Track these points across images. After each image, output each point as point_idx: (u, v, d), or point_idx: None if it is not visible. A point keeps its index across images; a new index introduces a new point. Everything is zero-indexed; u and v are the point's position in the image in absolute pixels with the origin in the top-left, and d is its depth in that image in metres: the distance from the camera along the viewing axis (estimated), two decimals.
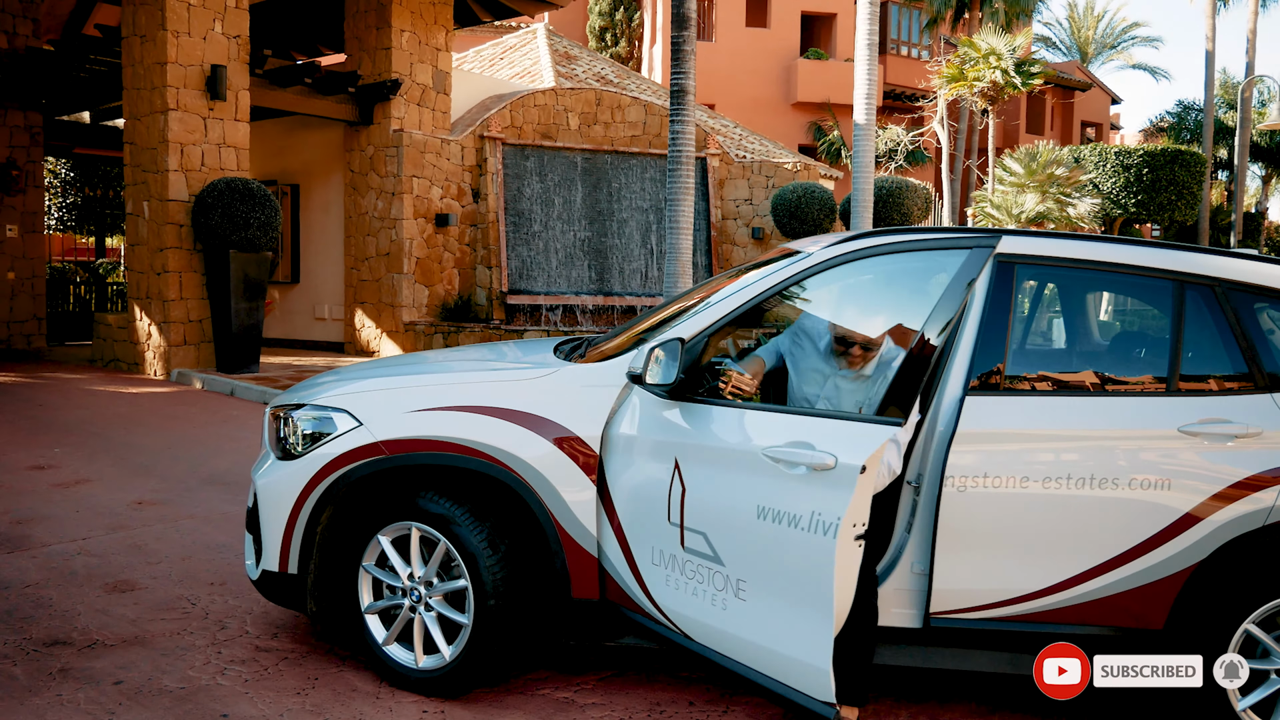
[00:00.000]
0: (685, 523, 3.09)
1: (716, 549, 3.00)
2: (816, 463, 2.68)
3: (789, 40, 29.77)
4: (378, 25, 13.37)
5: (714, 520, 2.99)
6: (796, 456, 2.75)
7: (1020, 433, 3.26)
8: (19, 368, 11.72)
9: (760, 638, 2.81)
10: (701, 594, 3.05)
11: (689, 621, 3.11)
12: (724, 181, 15.65)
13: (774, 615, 2.76)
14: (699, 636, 3.10)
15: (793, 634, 2.68)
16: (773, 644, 2.77)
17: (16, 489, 6.18)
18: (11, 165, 14.26)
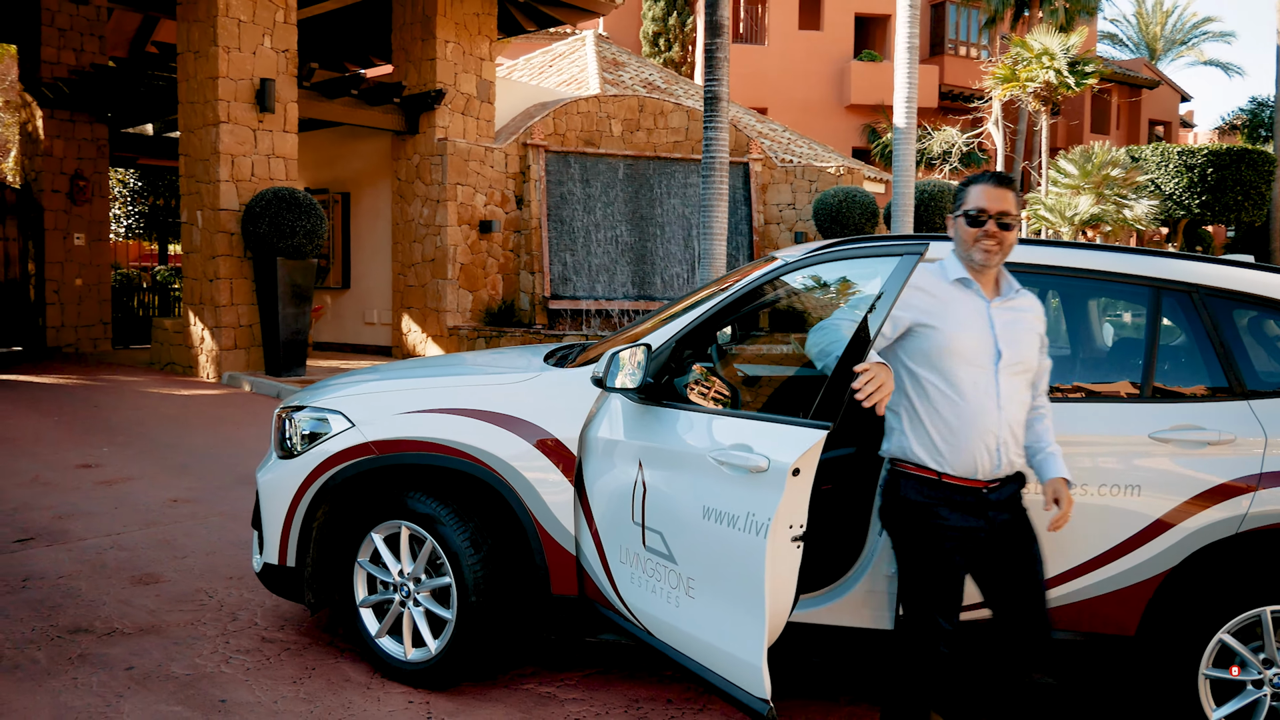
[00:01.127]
0: (646, 522, 3.15)
1: (671, 548, 3.05)
2: (752, 465, 2.74)
3: (842, 42, 29.63)
4: (423, 37, 13.68)
5: (669, 520, 3.07)
6: (736, 459, 2.81)
7: None
8: (82, 370, 12.23)
9: (706, 634, 2.89)
10: (659, 591, 3.11)
11: (649, 618, 3.19)
12: (767, 186, 15.67)
13: (717, 612, 2.83)
14: (657, 632, 3.17)
15: (733, 631, 2.76)
16: (716, 640, 2.85)
17: (63, 486, 6.50)
18: (79, 176, 14.89)
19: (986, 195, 2.75)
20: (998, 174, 2.79)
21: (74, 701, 3.45)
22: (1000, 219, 2.74)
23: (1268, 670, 3.14)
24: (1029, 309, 2.87)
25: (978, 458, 2.73)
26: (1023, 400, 2.80)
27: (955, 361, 2.72)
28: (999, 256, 2.76)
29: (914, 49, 12.33)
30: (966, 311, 2.77)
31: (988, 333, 2.75)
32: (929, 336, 2.75)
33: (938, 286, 2.80)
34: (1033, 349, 2.82)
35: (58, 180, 14.73)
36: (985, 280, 2.82)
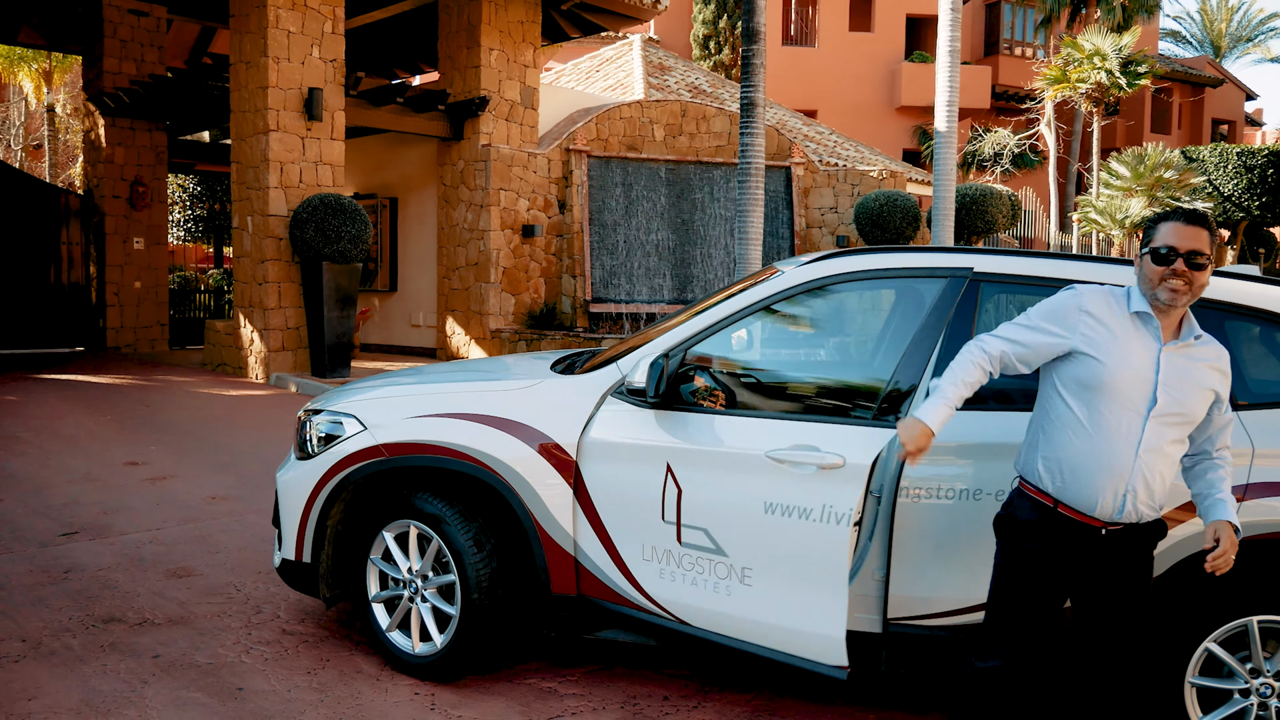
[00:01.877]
0: (683, 521, 3.37)
1: (719, 542, 3.30)
2: (825, 462, 3.09)
3: (893, 44, 29.43)
4: (468, 45, 13.94)
5: (715, 517, 3.32)
6: (803, 458, 3.14)
7: (974, 446, 3.35)
8: (138, 370, 12.68)
9: (768, 616, 3.19)
10: (702, 583, 3.35)
11: (686, 608, 3.39)
12: (809, 190, 15.68)
13: (783, 596, 3.15)
14: (697, 621, 3.38)
15: (808, 610, 3.09)
16: (783, 620, 3.16)
17: (110, 482, 6.80)
18: (139, 182, 15.42)
19: (1177, 233, 2.64)
20: (1191, 211, 2.68)
21: (102, 686, 3.66)
22: (1191, 258, 2.62)
23: (1254, 680, 3.15)
24: (1207, 358, 2.74)
25: (1099, 497, 2.68)
26: (1170, 452, 2.71)
27: (1106, 398, 2.66)
28: (1186, 297, 2.64)
29: (955, 52, 12.26)
30: (1136, 349, 2.68)
31: (1150, 376, 2.66)
32: (1089, 366, 2.68)
33: (1113, 317, 2.72)
34: (1198, 400, 2.70)
35: (118, 186, 15.27)
36: (1168, 320, 2.70)
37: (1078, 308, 2.74)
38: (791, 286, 3.62)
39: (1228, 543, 2.70)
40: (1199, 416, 2.74)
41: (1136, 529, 2.75)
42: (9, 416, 8.95)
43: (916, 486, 3.33)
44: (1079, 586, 2.81)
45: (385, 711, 3.54)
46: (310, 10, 11.86)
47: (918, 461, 2.77)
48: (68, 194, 15.81)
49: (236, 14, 12.00)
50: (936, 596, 3.36)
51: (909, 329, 3.56)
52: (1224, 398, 2.79)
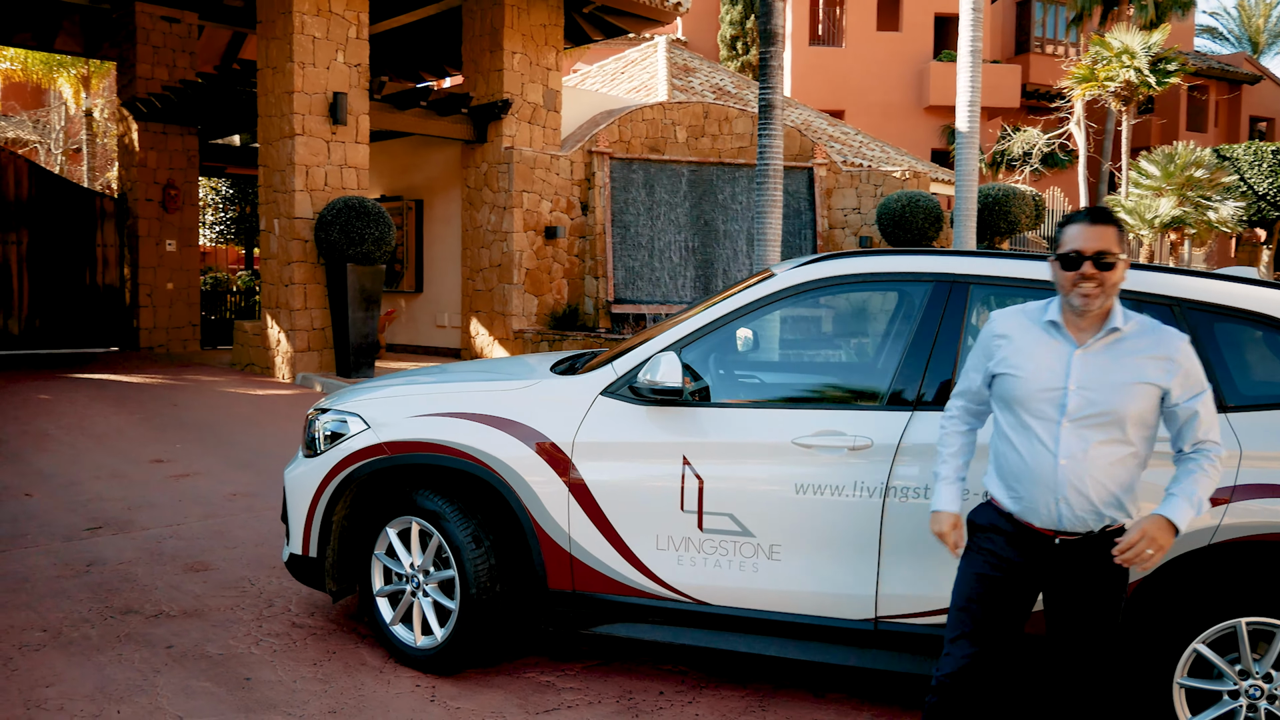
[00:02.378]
0: (705, 509, 3.57)
1: (745, 525, 3.54)
2: (854, 445, 3.40)
3: (921, 43, 29.28)
4: (491, 48, 14.07)
5: (741, 502, 3.54)
6: (830, 442, 3.44)
7: None
8: (168, 369, 12.93)
9: (796, 585, 3.48)
10: (726, 564, 3.58)
11: (706, 589, 3.60)
12: (832, 191, 15.67)
13: (814, 566, 3.46)
14: (718, 600, 3.60)
15: (837, 575, 3.42)
16: (811, 587, 3.47)
17: (136, 479, 6.97)
18: (171, 185, 15.71)
19: (1083, 235, 2.59)
20: (1095, 210, 2.66)
21: (116, 675, 3.79)
22: (1099, 259, 2.56)
23: (1243, 681, 3.17)
24: (1142, 350, 2.62)
25: (1038, 508, 2.64)
26: (1105, 455, 2.59)
27: (1025, 410, 2.65)
28: (1100, 299, 2.58)
29: (976, 52, 12.23)
30: (1048, 358, 2.64)
31: (1060, 382, 2.61)
32: (1007, 382, 2.69)
33: (1025, 331, 2.71)
34: (1125, 397, 2.57)
35: (151, 189, 15.56)
36: (1085, 322, 2.64)
37: (991, 334, 2.77)
38: (783, 289, 3.69)
39: (1137, 534, 2.53)
40: (1135, 413, 2.59)
41: (1094, 539, 2.65)
42: (43, 415, 9.18)
43: (905, 486, 3.39)
44: (1048, 600, 2.76)
45: (386, 702, 3.64)
46: (335, 16, 12.05)
47: (960, 549, 2.84)
48: (103, 197, 16.13)
49: (264, 20, 12.21)
50: (926, 595, 3.41)
51: (907, 327, 3.63)
52: (1180, 388, 2.62)
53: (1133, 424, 2.60)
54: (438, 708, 3.62)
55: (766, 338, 4.70)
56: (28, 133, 29.39)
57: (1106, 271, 2.57)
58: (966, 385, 2.87)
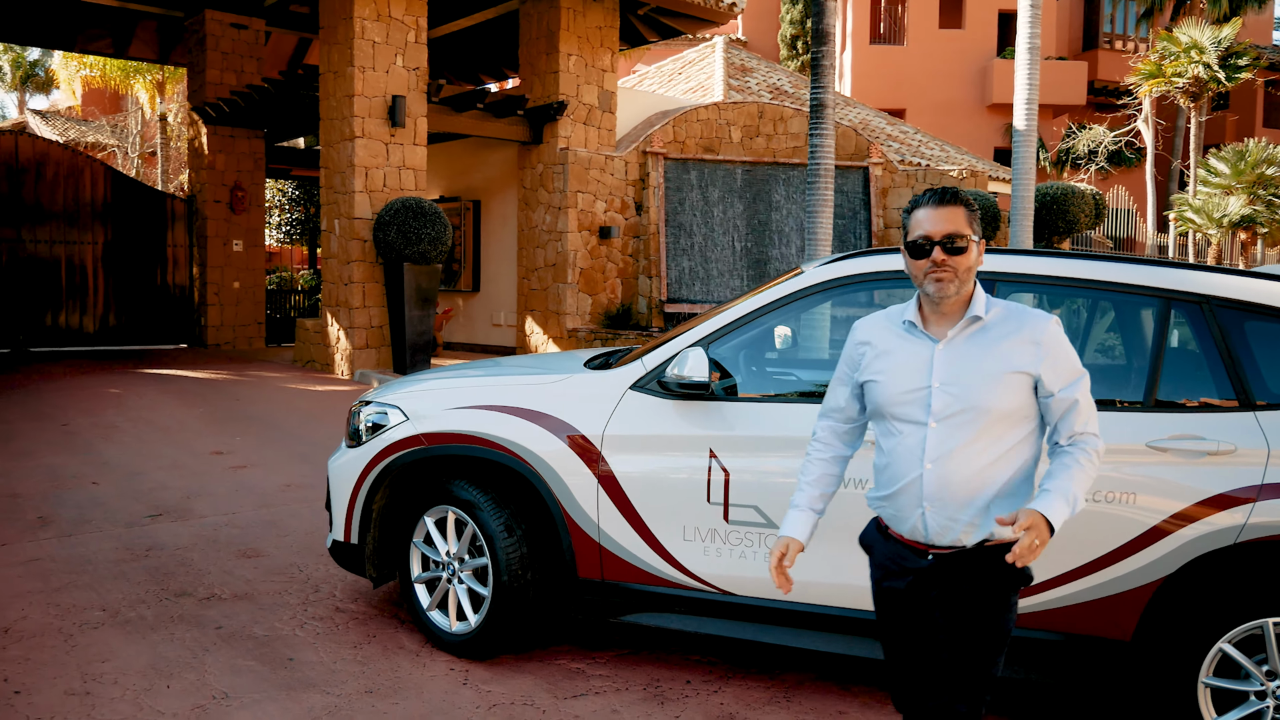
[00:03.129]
0: (731, 500, 3.65)
1: (770, 516, 3.60)
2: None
3: (985, 41, 28.83)
4: (547, 51, 14.26)
5: (768, 494, 3.60)
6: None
7: None
8: (233, 366, 13.34)
9: (821, 576, 3.49)
10: (751, 555, 3.64)
11: (732, 580, 3.67)
12: (887, 190, 15.56)
13: (838, 557, 3.41)
14: (743, 590, 3.66)
15: (861, 568, 3.36)
16: (835, 578, 3.48)
17: (196, 470, 7.24)
18: (238, 187, 16.19)
19: (930, 219, 2.35)
20: (943, 191, 2.40)
21: (167, 653, 3.98)
22: (949, 244, 2.33)
23: (1270, 682, 3.14)
24: (1009, 335, 2.37)
25: (906, 518, 2.40)
26: (973, 457, 2.33)
27: (892, 416, 2.42)
28: (955, 285, 2.34)
29: (1035, 49, 12.06)
30: (910, 359, 2.42)
31: (923, 380, 2.38)
32: (873, 390, 2.48)
33: (887, 335, 2.50)
34: (992, 389, 2.32)
35: (219, 191, 16.06)
36: (945, 317, 2.41)
37: (855, 343, 2.56)
38: (809, 286, 3.73)
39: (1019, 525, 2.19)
40: (1006, 407, 2.33)
41: (969, 556, 2.36)
42: (112, 408, 9.56)
43: None
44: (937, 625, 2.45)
45: (420, 684, 3.77)
46: (394, 21, 12.32)
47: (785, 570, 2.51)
48: (174, 199, 16.70)
49: (326, 26, 12.54)
50: None
51: None
52: (1052, 374, 2.35)
53: (1005, 420, 2.34)
54: (470, 690, 3.74)
55: (800, 334, 4.74)
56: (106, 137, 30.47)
57: (957, 256, 2.33)
58: (832, 402, 2.62)
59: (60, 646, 4.02)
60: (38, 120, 31.63)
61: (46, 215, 15.37)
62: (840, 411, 2.61)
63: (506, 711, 3.57)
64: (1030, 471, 2.42)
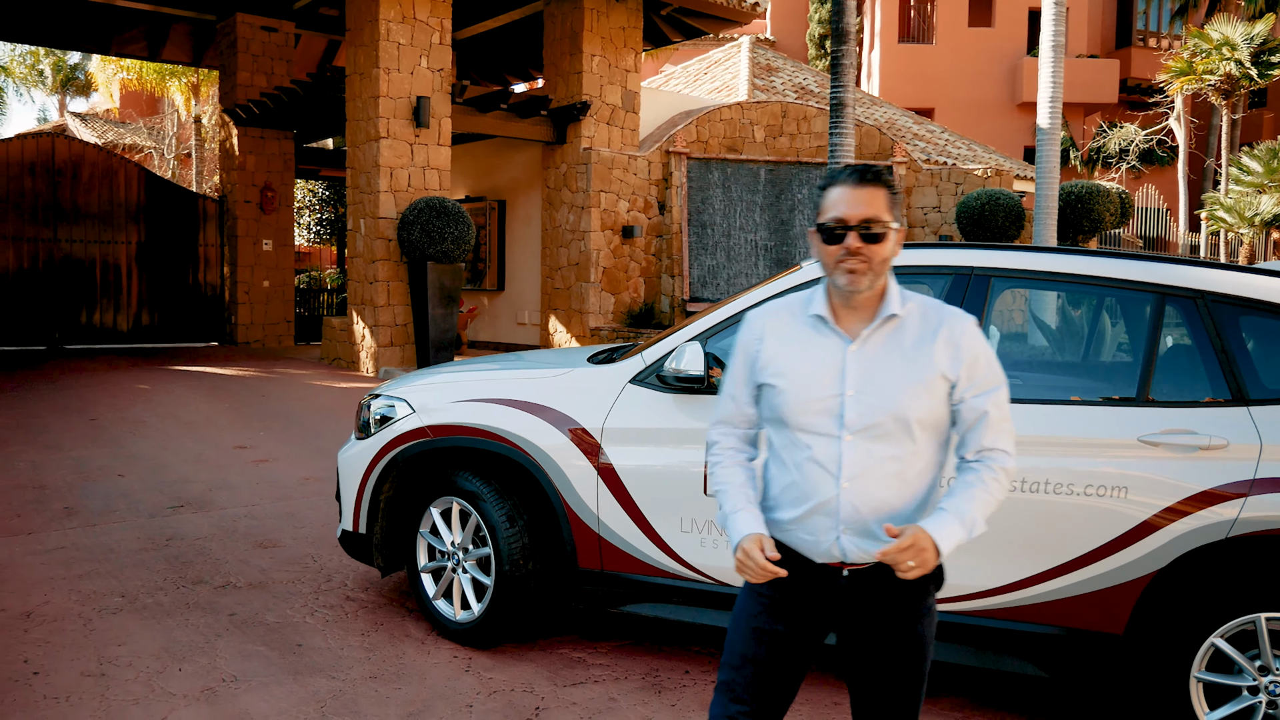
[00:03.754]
0: None
1: None
2: None
3: (1015, 39, 28.62)
4: (571, 51, 14.36)
5: None
6: None
7: None
8: (261, 363, 13.55)
9: None
10: None
11: (728, 571, 3.69)
12: (911, 189, 15.52)
13: None
14: (737, 580, 3.64)
15: None
16: None
17: (219, 463, 7.40)
18: (268, 187, 16.43)
19: (846, 200, 2.07)
20: (863, 167, 2.11)
21: (181, 637, 4.10)
22: (866, 229, 2.05)
23: (1263, 677, 3.15)
24: (926, 336, 2.12)
25: (823, 541, 2.11)
26: (895, 471, 2.09)
27: (797, 426, 2.12)
28: (869, 278, 2.07)
29: (1059, 46, 11.99)
30: (818, 360, 2.13)
31: (835, 387, 2.10)
32: (771, 396, 2.17)
33: (786, 329, 2.19)
34: (910, 395, 2.08)
35: (249, 191, 16.31)
36: (856, 311, 2.13)
37: (751, 338, 2.23)
38: (805, 282, 3.78)
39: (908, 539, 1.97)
40: (924, 415, 2.10)
41: (886, 568, 2.09)
42: (140, 404, 9.76)
43: None
44: (843, 646, 2.23)
45: (424, 671, 3.86)
46: (419, 23, 12.47)
47: (763, 565, 2.08)
48: (205, 199, 16.98)
49: (352, 28, 12.72)
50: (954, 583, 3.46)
51: None
52: (968, 379, 2.12)
53: (923, 428, 2.10)
54: (471, 677, 3.82)
55: None
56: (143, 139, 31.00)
57: (875, 244, 2.06)
58: (728, 410, 2.28)
59: (79, 630, 4.15)
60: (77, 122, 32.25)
61: (82, 216, 15.69)
62: (740, 417, 2.28)
63: (506, 698, 3.65)
64: (937, 481, 2.21)
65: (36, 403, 9.56)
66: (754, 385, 2.24)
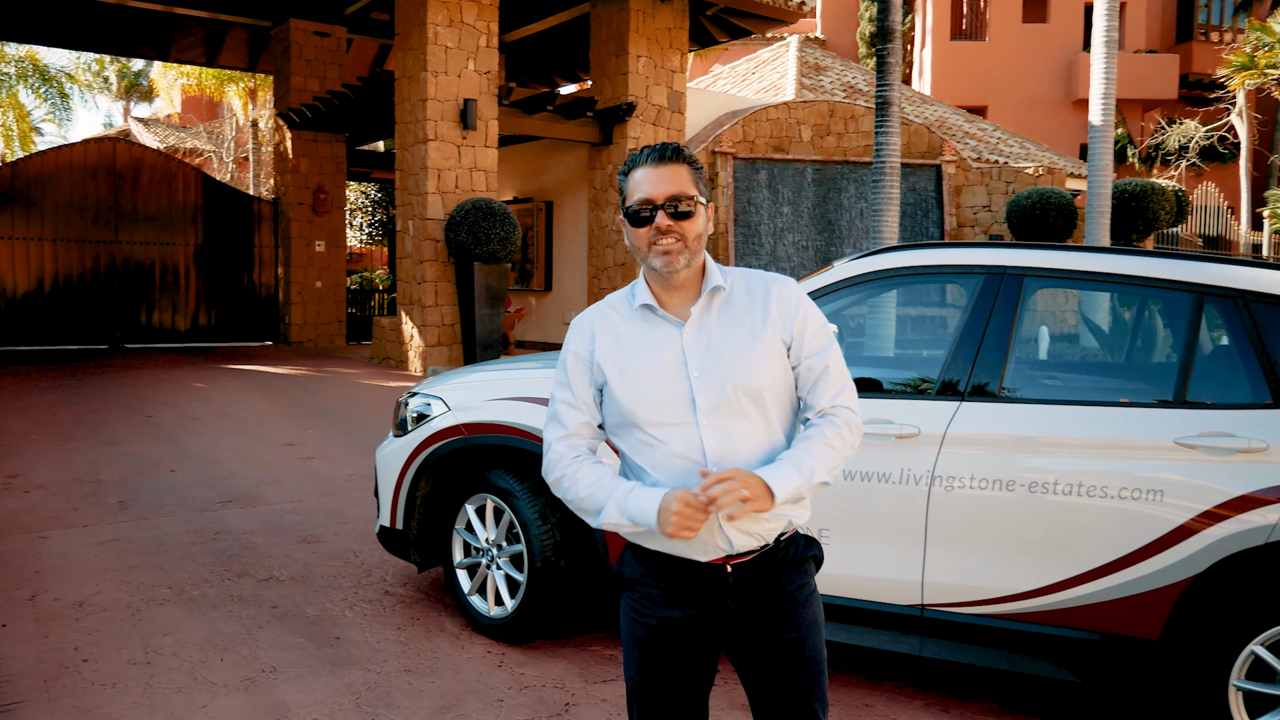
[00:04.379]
0: None
1: None
2: (901, 433, 3.47)
3: (1070, 34, 28.08)
4: (617, 53, 14.41)
5: None
6: (878, 429, 3.50)
7: (1009, 438, 3.42)
8: (312, 362, 13.79)
9: (843, 569, 3.55)
10: None
11: None
12: (960, 188, 15.32)
13: (860, 550, 3.54)
14: None
15: (884, 560, 3.46)
16: (857, 571, 3.54)
17: (268, 460, 7.56)
18: (320, 190, 16.73)
19: (648, 179, 2.00)
20: (662, 147, 2.04)
21: (224, 628, 4.21)
22: (673, 206, 1.98)
23: None
24: (755, 304, 2.06)
25: (704, 537, 1.99)
26: (760, 441, 2.02)
27: (650, 425, 2.01)
28: (685, 256, 1.99)
29: (1111, 41, 11.78)
30: (653, 350, 2.04)
31: (679, 371, 2.01)
32: (619, 394, 2.04)
33: (616, 326, 2.09)
34: (751, 365, 2.01)
35: (302, 194, 16.61)
36: (680, 293, 2.06)
37: (581, 342, 2.12)
38: (836, 281, 3.77)
39: (718, 476, 1.87)
40: (771, 382, 2.04)
41: (771, 553, 2.06)
42: (195, 402, 10.01)
43: (951, 475, 3.43)
44: (734, 653, 2.12)
45: (457, 665, 3.92)
46: (466, 26, 12.61)
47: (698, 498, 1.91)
48: (260, 201, 17.33)
49: (401, 32, 12.90)
50: (972, 585, 3.44)
51: (958, 319, 3.66)
52: (800, 337, 2.06)
53: (775, 398, 2.05)
54: (503, 673, 3.87)
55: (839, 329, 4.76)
56: (203, 143, 31.73)
57: (684, 221, 1.99)
58: (570, 422, 2.12)
59: (128, 620, 4.27)
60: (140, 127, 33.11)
61: (142, 218, 16.10)
62: (585, 429, 2.12)
63: (536, 693, 3.69)
64: None
65: (98, 400, 9.84)
66: (595, 389, 2.11)
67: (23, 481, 6.63)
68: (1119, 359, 3.81)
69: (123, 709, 3.46)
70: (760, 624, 2.06)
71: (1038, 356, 4.28)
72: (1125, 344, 3.85)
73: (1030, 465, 3.36)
